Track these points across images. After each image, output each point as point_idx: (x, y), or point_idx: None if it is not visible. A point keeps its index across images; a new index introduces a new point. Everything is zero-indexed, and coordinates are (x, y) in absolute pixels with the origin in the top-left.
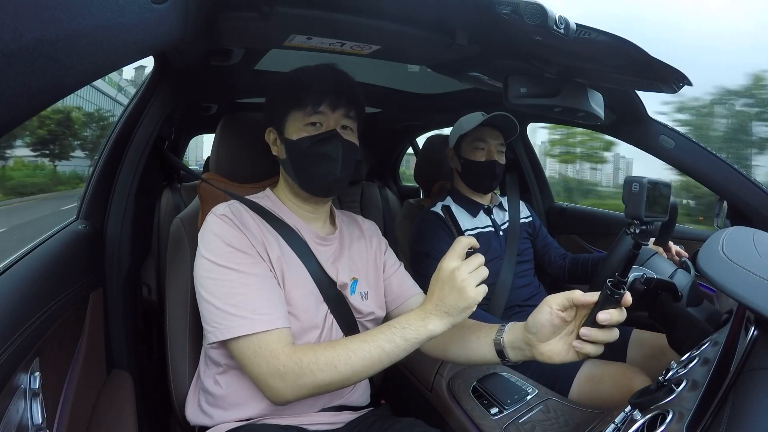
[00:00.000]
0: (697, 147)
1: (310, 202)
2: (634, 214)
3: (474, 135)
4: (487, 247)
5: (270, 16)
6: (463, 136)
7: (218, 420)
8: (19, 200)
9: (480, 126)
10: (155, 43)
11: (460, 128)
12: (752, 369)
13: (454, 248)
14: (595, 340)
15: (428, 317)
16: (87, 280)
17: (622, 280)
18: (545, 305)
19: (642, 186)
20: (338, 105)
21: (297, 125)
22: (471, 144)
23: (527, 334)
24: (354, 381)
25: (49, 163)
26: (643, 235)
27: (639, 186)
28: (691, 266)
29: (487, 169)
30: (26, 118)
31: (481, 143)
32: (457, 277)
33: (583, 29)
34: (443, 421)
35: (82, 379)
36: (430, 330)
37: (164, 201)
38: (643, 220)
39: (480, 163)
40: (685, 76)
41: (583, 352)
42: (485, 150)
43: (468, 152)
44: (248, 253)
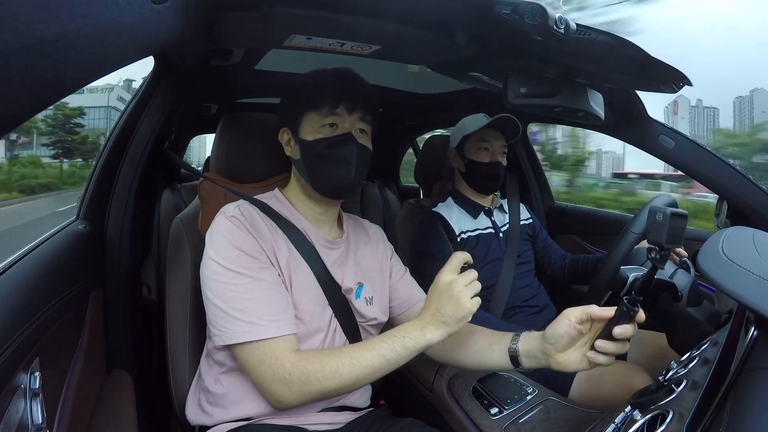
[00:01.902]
0: (697, 147)
1: (321, 203)
2: (656, 241)
3: (478, 136)
4: (487, 248)
5: (270, 16)
6: (467, 136)
7: (218, 419)
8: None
9: (484, 127)
10: (155, 43)
11: (463, 129)
12: (752, 369)
13: (450, 262)
14: (609, 352)
15: (426, 327)
16: (87, 280)
17: (638, 298)
18: (564, 318)
19: (666, 217)
20: (354, 108)
21: (313, 126)
22: (475, 144)
23: (545, 344)
24: (356, 387)
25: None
26: (661, 260)
27: (663, 216)
28: (691, 266)
29: (491, 170)
30: (26, 118)
31: (486, 144)
32: (454, 288)
33: (583, 29)
34: (443, 421)
35: (82, 379)
36: (428, 339)
37: (164, 201)
38: (664, 247)
39: (484, 164)
40: (684, 75)
41: (597, 362)
42: (489, 151)
43: (472, 153)
44: (257, 257)
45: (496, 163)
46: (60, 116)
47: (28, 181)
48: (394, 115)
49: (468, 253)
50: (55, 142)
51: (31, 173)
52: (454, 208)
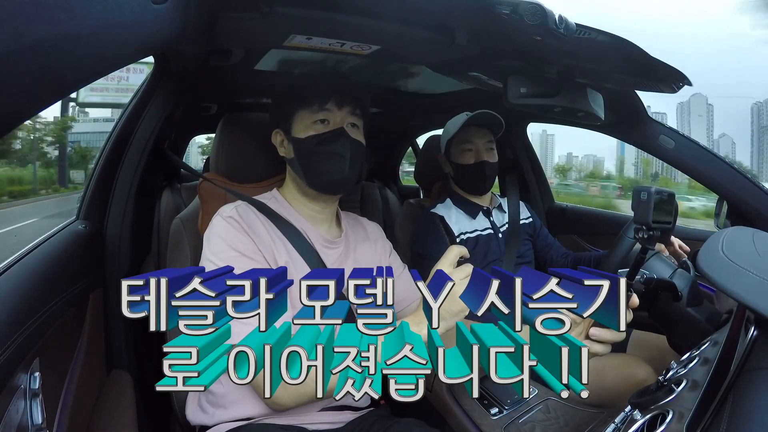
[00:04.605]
0: (697, 147)
1: (318, 200)
2: (642, 220)
3: (460, 137)
4: (486, 250)
5: (270, 16)
6: (450, 140)
7: (218, 419)
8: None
9: (465, 127)
10: (155, 43)
11: (446, 133)
12: (752, 369)
13: (446, 256)
14: (604, 339)
15: (423, 322)
16: (87, 280)
17: (630, 282)
18: None
19: (650, 195)
20: (344, 102)
21: (304, 123)
22: (458, 147)
23: None
24: None
25: None
26: (650, 240)
27: (647, 195)
28: (691, 266)
29: (477, 170)
30: (26, 118)
31: (468, 144)
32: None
33: (583, 29)
34: (443, 421)
35: (82, 379)
36: (424, 334)
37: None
38: (650, 226)
39: (469, 166)
40: (684, 75)
41: (593, 351)
42: (473, 151)
43: (457, 156)
44: (253, 258)
45: (481, 163)
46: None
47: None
48: (394, 115)
49: (464, 247)
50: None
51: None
52: (453, 209)
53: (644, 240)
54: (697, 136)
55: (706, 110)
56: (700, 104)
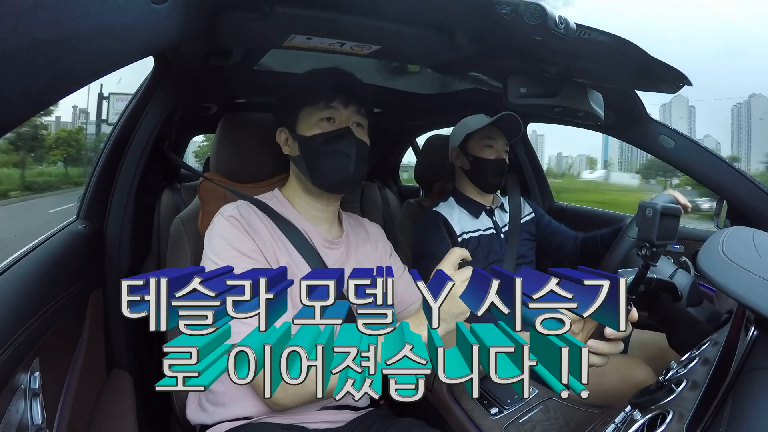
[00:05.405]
0: (697, 147)
1: (321, 199)
2: (646, 237)
3: (483, 133)
4: (488, 250)
5: (270, 16)
6: (471, 134)
7: (218, 418)
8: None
9: (488, 126)
10: (155, 44)
11: (466, 127)
12: (752, 369)
13: (448, 258)
14: (602, 352)
15: (423, 322)
16: (87, 280)
17: (630, 297)
18: None
19: (655, 212)
20: (350, 101)
21: (310, 121)
22: (480, 142)
23: None
24: None
25: None
26: (653, 257)
27: (653, 212)
28: (691, 266)
29: (497, 166)
30: (26, 118)
31: (491, 141)
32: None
33: (583, 29)
34: (443, 421)
35: (82, 379)
36: (425, 334)
37: (164, 201)
38: (654, 244)
39: (491, 161)
40: (684, 75)
41: (590, 363)
42: (494, 148)
43: (477, 150)
44: (254, 258)
45: (501, 160)
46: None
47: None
48: (394, 115)
49: (466, 250)
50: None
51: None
52: (456, 208)
53: (647, 257)
54: None
55: (688, 112)
56: (682, 106)
